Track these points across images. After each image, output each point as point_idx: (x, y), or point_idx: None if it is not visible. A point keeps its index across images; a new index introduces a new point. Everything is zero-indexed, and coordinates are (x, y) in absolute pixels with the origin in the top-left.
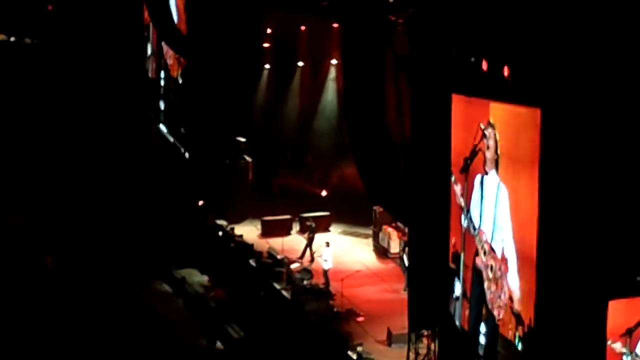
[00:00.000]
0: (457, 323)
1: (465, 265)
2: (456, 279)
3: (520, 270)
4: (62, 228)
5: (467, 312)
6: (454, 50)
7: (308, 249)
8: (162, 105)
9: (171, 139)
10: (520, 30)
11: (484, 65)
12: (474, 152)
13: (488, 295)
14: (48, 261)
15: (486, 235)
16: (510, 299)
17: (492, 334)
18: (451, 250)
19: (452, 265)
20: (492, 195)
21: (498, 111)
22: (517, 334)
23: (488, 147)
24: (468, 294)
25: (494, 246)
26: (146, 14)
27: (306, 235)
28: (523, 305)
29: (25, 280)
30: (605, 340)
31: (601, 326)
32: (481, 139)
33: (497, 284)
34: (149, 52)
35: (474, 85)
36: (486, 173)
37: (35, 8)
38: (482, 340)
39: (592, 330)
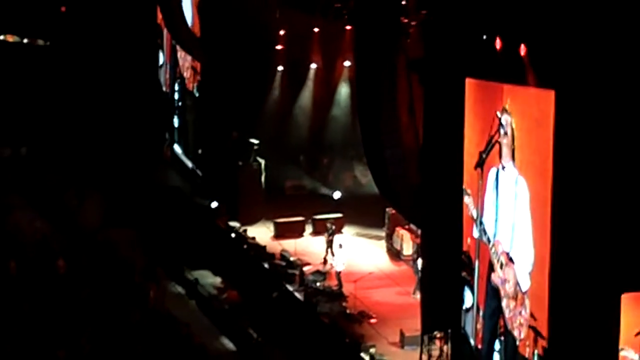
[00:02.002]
0: (471, 341)
1: (479, 276)
2: (467, 289)
3: (534, 278)
4: (74, 231)
5: (479, 327)
6: (466, 28)
7: (329, 251)
8: (176, 122)
9: (189, 164)
10: (535, 4)
11: (498, 44)
12: (490, 144)
13: (507, 314)
14: (60, 264)
15: (503, 246)
16: (532, 315)
17: (511, 354)
18: (463, 252)
19: (463, 273)
20: (509, 191)
21: (515, 97)
22: (535, 351)
23: (505, 135)
24: (482, 309)
25: (513, 256)
26: (159, 18)
27: (325, 236)
28: (540, 315)
29: (38, 283)
30: (618, 339)
31: (615, 323)
32: (497, 130)
33: (516, 300)
34: (161, 60)
35: (488, 67)
36: (502, 167)
37: (48, 10)
38: (497, 358)
39: (605, 328)
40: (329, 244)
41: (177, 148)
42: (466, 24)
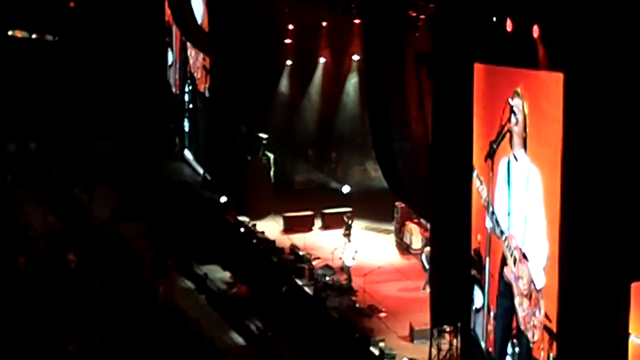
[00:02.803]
0: (482, 344)
1: (490, 274)
2: (477, 288)
3: (549, 274)
4: (84, 225)
5: (490, 328)
6: (476, 11)
7: (347, 244)
8: (186, 125)
9: (200, 170)
10: None
11: (509, 26)
12: (501, 134)
13: (520, 313)
14: (70, 259)
15: (516, 240)
16: (547, 316)
17: (524, 358)
18: (473, 249)
19: (473, 272)
20: (521, 181)
21: (527, 81)
22: (550, 354)
23: (517, 123)
24: (493, 309)
25: (526, 252)
26: (168, 15)
27: (343, 230)
28: (555, 315)
29: (48, 278)
30: (627, 326)
31: (625, 311)
32: (509, 117)
33: (530, 299)
34: (170, 59)
35: (498, 50)
36: (514, 157)
37: (56, 5)
38: None
39: (615, 316)
40: (347, 237)
41: (187, 154)
42: (476, 6)
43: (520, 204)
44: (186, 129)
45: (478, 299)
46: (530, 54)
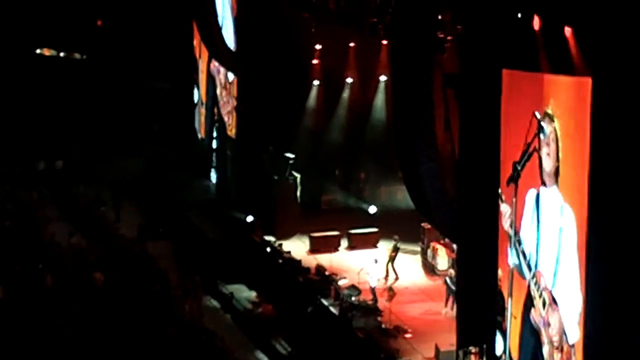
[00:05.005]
0: None
1: (512, 317)
2: (498, 333)
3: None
4: (111, 243)
5: None
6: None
7: (391, 266)
8: (213, 176)
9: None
10: None
11: (536, 24)
12: (526, 154)
13: None
14: (96, 277)
15: (545, 280)
16: None
17: None
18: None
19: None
20: (553, 220)
21: (559, 95)
22: None
23: (547, 148)
24: (515, 357)
25: (557, 296)
26: (196, 45)
27: (389, 251)
28: None
29: (74, 296)
30: None
31: None
32: (536, 135)
33: (562, 352)
34: (196, 97)
35: (526, 53)
36: (544, 187)
37: (84, 23)
38: None
39: None
40: (391, 259)
41: (213, 174)
42: (504, 9)
43: (551, 243)
44: (213, 180)
45: (499, 345)
46: (561, 55)
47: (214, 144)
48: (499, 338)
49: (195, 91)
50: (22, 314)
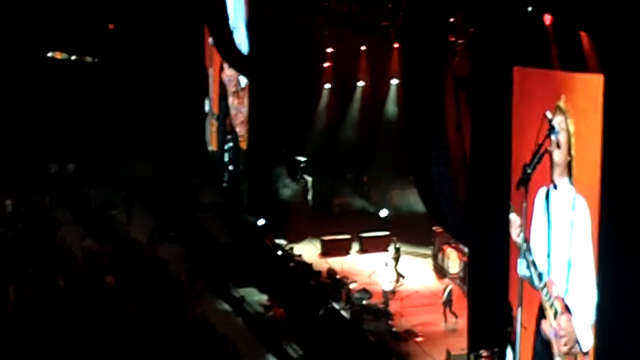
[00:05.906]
0: None
1: (522, 328)
2: (509, 347)
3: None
4: (122, 247)
5: None
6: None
7: (396, 270)
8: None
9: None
10: None
11: (547, 20)
12: (537, 156)
13: None
14: (108, 280)
15: (557, 288)
16: None
17: None
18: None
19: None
20: (564, 216)
21: (572, 92)
22: None
23: (558, 145)
24: None
25: (569, 303)
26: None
27: (392, 254)
28: None
29: (85, 299)
30: None
31: None
32: (547, 136)
33: None
34: (207, 107)
35: (535, 49)
36: (554, 186)
37: (96, 27)
38: None
39: None
40: (396, 261)
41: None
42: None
43: (563, 244)
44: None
45: (509, 355)
46: (573, 51)
47: (226, 157)
48: (509, 353)
49: (206, 101)
50: (34, 317)
